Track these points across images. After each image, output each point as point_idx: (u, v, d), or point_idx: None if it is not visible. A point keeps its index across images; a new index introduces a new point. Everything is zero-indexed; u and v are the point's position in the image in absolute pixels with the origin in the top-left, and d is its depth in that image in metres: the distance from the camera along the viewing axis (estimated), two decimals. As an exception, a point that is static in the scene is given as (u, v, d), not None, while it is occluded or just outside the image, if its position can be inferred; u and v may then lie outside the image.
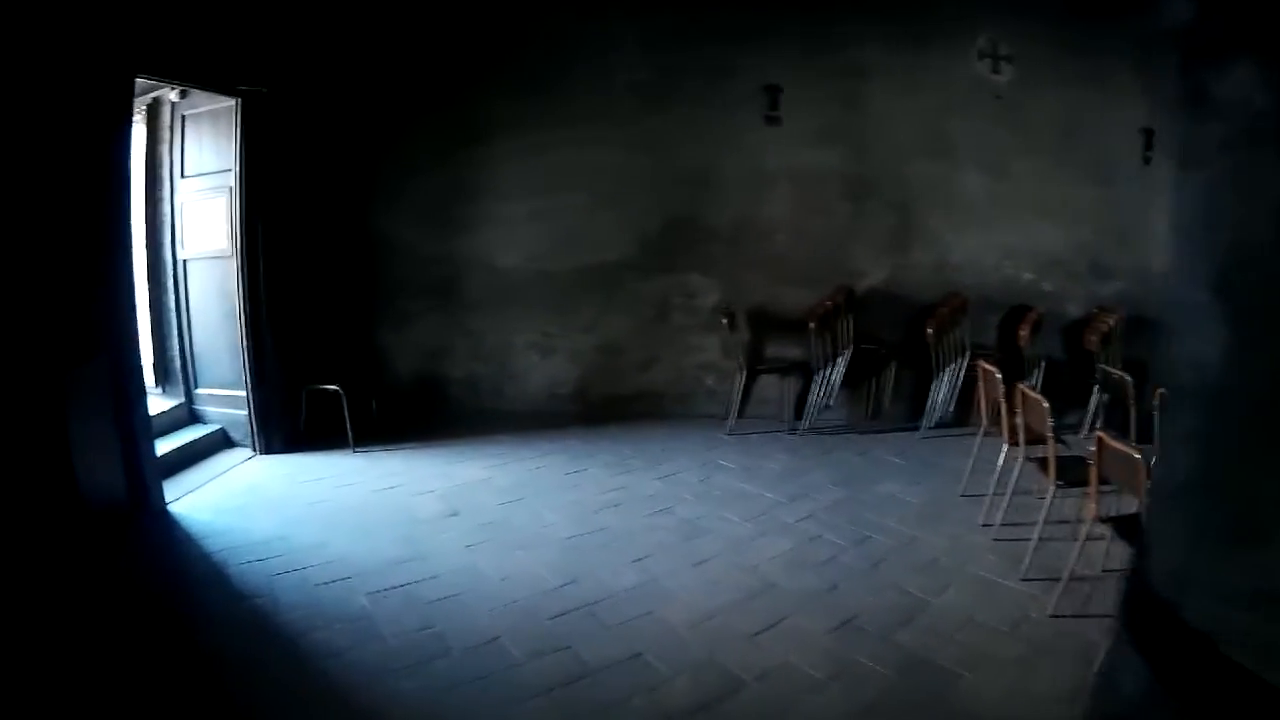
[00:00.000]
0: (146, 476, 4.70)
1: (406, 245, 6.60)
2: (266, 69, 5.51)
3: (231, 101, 5.49)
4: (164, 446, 5.48)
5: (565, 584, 3.78)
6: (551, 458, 5.61)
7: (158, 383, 6.14)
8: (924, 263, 6.40)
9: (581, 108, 6.29)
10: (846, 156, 6.31)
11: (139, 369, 4.73)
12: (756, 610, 3.57)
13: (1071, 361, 6.31)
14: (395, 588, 3.73)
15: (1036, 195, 6.32)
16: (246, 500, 4.92)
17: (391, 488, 5.03)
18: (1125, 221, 6.30)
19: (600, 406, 6.54)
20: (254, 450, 5.77)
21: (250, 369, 5.69)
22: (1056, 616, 3.43)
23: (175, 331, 6.09)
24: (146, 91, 5.84)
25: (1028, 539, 3.93)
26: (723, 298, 6.41)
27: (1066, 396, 3.95)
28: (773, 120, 6.27)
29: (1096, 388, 5.67)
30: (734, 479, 5.20)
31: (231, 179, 5.58)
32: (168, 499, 4.89)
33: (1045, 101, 6.23)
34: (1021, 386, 4.13)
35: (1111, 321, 6.03)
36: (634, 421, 6.38)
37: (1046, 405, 3.83)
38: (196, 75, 5.20)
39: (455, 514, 4.63)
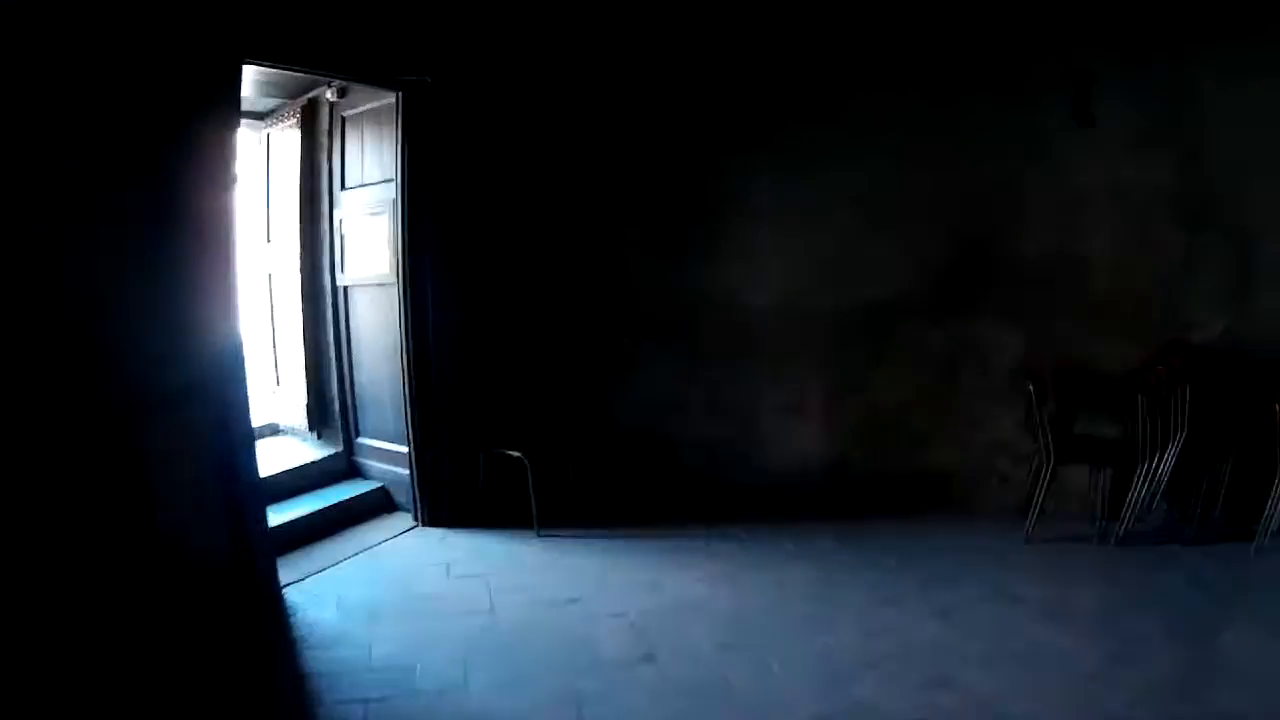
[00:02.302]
0: (255, 552, 3.77)
1: (630, 274, 5.31)
2: (433, 53, 4.43)
3: (393, 97, 4.47)
4: (310, 505, 4.68)
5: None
6: (797, 568, 4.08)
7: (312, 427, 5.29)
8: (1272, 309, 4.42)
9: (847, 106, 4.76)
10: (1176, 169, 4.38)
11: (244, 420, 3.76)
12: None
13: None
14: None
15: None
16: (383, 595, 3.86)
17: (573, 600, 3.74)
18: None
19: (864, 488, 4.94)
20: (416, 519, 4.76)
21: (413, 422, 4.66)
22: None
23: (334, 370, 5.20)
24: (302, 91, 4.96)
25: None
26: (1025, 355, 4.63)
27: None
28: (1084, 120, 4.48)
29: None
30: (1036, 621, 3.46)
31: (394, 190, 4.57)
32: (292, 577, 4.01)
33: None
34: None
35: None
36: (905, 513, 4.72)
37: None
38: (329, 59, 4.12)
39: (649, 658, 3.22)
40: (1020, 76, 4.48)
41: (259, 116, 5.32)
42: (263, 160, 5.37)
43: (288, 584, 3.94)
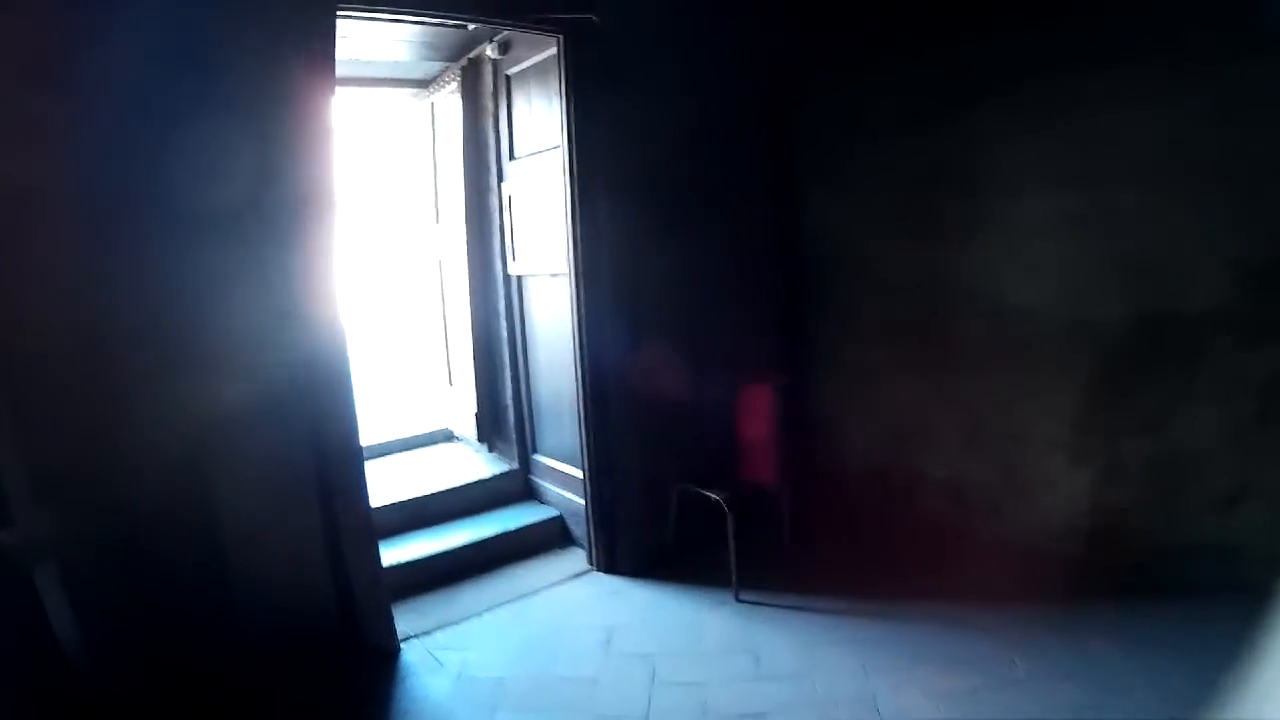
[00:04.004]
0: (358, 601, 3.11)
1: (862, 255, 4.10)
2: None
3: (555, 45, 3.60)
4: (470, 532, 4.01)
5: None
6: (1059, 689, 2.71)
7: (482, 439, 4.63)
8: None
9: (1122, 40, 3.15)
10: None
11: (346, 439, 3.07)
12: None
13: None
14: None
15: None
16: (517, 667, 3.09)
17: (755, 717, 2.76)
18: None
19: (1149, 561, 3.32)
20: (590, 563, 3.94)
21: (587, 443, 3.83)
22: None
23: (508, 374, 4.48)
24: (463, 50, 4.23)
25: None
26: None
27: None
28: None
29: None
30: None
31: (560, 158, 3.71)
32: (421, 626, 3.41)
33: None
34: None
35: None
36: (1193, 599, 3.09)
37: None
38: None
39: None
40: None
41: (422, 84, 4.66)
42: (428, 132, 4.72)
43: (412, 636, 3.32)
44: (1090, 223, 3.33)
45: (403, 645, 3.24)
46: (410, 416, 5.23)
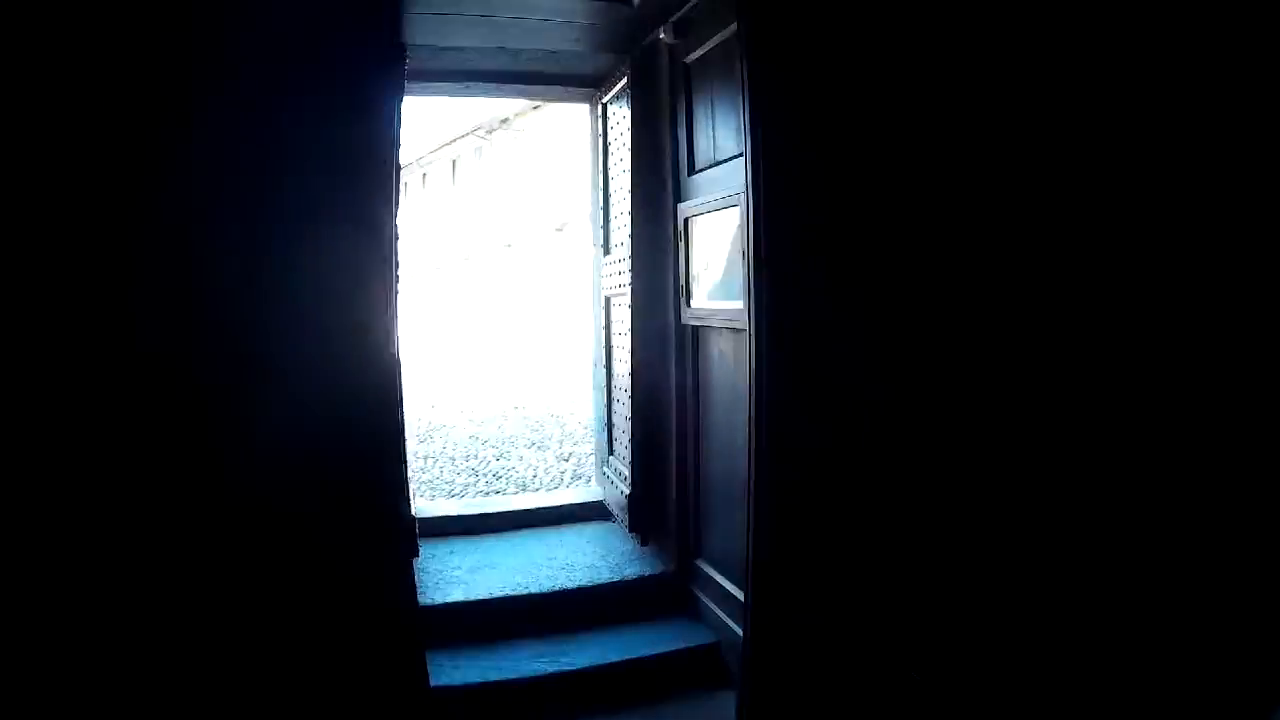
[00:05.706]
0: None
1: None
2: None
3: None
4: (587, 654, 3.10)
5: None
6: None
7: (634, 528, 3.68)
8: None
9: None
10: None
11: (381, 529, 2.30)
12: None
13: None
14: None
15: None
16: None
17: None
18: None
19: None
20: (742, 723, 2.84)
21: (754, 562, 2.76)
22: None
23: (674, 451, 3.50)
24: (634, 38, 3.36)
25: None
26: None
27: None
28: None
29: None
30: None
31: (740, 171, 2.71)
32: None
33: None
34: None
35: None
36: None
37: None
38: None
39: None
40: None
41: (593, 84, 3.83)
42: (597, 140, 3.89)
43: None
44: None
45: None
46: (564, 483, 4.45)
